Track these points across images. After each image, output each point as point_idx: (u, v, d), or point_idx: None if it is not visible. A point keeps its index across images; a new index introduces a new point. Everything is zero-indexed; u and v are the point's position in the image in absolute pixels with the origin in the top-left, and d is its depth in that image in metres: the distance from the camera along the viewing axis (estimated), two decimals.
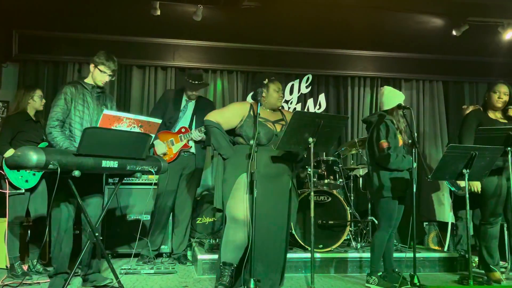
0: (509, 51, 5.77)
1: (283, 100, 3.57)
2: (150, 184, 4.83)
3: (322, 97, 6.34)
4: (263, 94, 3.53)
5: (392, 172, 3.72)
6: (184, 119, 4.59)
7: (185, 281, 3.86)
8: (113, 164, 3.10)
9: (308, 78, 6.32)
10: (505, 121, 4.07)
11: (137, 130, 3.22)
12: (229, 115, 3.52)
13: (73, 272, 3.07)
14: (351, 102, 6.38)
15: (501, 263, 4.30)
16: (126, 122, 3.17)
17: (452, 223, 5.12)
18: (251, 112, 3.50)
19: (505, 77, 5.26)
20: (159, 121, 3.37)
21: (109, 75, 3.48)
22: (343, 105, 6.38)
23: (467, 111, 4.73)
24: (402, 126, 3.81)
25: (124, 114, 3.19)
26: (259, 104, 3.36)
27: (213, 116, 3.52)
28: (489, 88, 4.12)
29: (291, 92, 6.29)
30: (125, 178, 4.71)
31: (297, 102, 6.28)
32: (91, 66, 3.49)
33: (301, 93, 6.31)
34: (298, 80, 6.31)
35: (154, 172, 3.37)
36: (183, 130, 4.54)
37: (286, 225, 3.48)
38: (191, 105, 4.63)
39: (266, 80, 3.60)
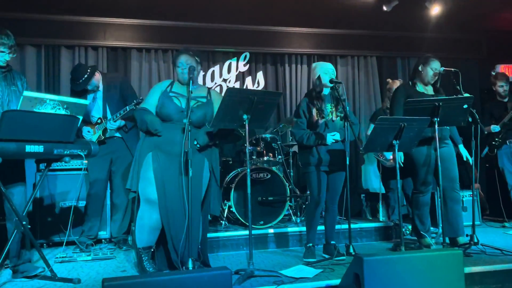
0: (436, 26, 5.99)
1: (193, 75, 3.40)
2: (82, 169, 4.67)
3: (260, 75, 6.34)
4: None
5: (309, 147, 3.84)
6: (97, 110, 4.40)
7: (123, 266, 3.78)
8: (38, 148, 2.96)
9: (245, 56, 6.29)
10: (433, 93, 4.22)
11: (62, 112, 3.07)
12: (150, 98, 3.42)
13: None
14: (289, 79, 6.42)
15: (432, 229, 4.52)
16: (50, 104, 3.01)
17: (383, 194, 5.30)
18: (168, 89, 3.42)
19: (434, 52, 5.45)
20: (87, 102, 3.23)
21: (8, 54, 3.21)
22: (281, 82, 6.41)
23: (394, 85, 4.90)
24: (320, 102, 3.87)
25: (47, 95, 3.03)
26: (190, 81, 3.29)
27: (141, 106, 3.44)
28: (424, 63, 4.15)
29: (229, 71, 6.23)
30: (56, 164, 4.52)
31: (236, 81, 6.24)
32: None
33: (239, 71, 6.27)
34: (235, 58, 6.25)
35: (84, 156, 3.24)
36: (99, 121, 4.37)
37: (201, 205, 3.37)
38: (100, 93, 4.43)
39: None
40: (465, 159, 4.33)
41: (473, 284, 3.33)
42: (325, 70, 3.87)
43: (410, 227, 4.74)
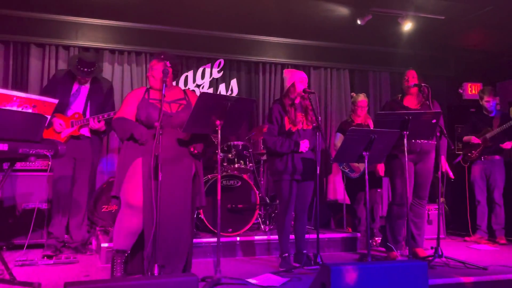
0: (407, 42, 6.14)
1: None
2: (46, 170, 4.53)
3: (234, 82, 6.34)
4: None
5: (281, 155, 3.81)
6: (77, 104, 4.26)
7: (87, 271, 3.68)
8: (2, 146, 2.85)
9: (220, 63, 6.28)
10: (418, 106, 4.28)
11: (29, 110, 2.98)
12: (126, 107, 3.38)
13: None
14: (262, 88, 6.44)
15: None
16: (17, 101, 2.92)
17: (348, 205, 5.32)
18: (146, 95, 3.39)
19: (404, 67, 5.57)
20: (55, 101, 3.15)
21: None
22: (254, 90, 6.43)
23: (357, 99, 5.01)
24: (293, 110, 3.85)
25: (14, 92, 2.94)
26: (164, 85, 3.24)
27: (117, 115, 3.40)
28: (404, 75, 4.41)
29: (202, 77, 6.21)
30: (19, 164, 4.38)
31: (209, 87, 6.22)
32: None
33: (213, 77, 6.26)
34: (210, 64, 6.24)
35: (50, 156, 3.15)
36: (76, 116, 4.22)
37: (190, 210, 3.37)
38: (85, 89, 4.30)
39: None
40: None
41: None
42: (300, 79, 3.88)
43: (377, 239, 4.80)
